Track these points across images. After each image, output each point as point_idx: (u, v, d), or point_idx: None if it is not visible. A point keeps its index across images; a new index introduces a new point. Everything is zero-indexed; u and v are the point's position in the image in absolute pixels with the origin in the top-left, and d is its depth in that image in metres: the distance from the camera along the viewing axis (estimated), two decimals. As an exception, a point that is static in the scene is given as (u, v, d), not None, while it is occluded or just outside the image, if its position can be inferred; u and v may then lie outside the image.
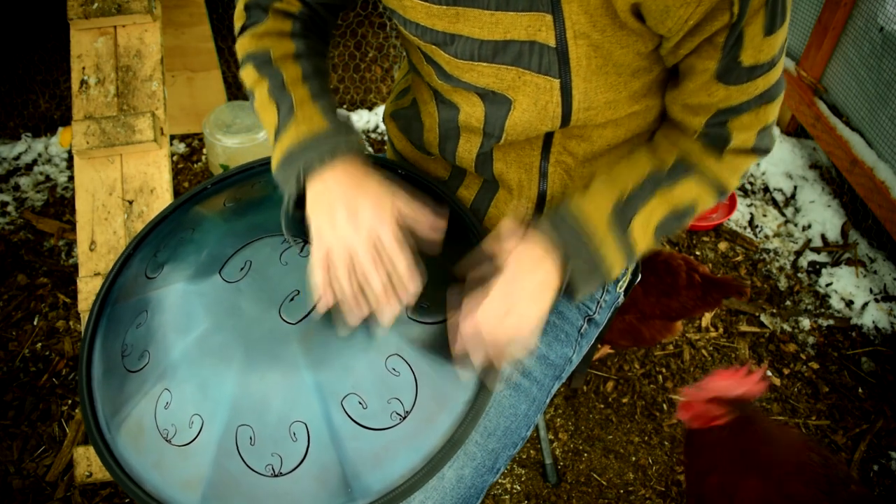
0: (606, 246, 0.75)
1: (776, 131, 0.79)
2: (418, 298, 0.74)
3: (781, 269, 1.99)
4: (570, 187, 0.86)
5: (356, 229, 0.69)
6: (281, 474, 0.68)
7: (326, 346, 0.72)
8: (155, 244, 0.87)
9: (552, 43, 0.70)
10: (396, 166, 0.94)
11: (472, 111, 0.81)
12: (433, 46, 0.77)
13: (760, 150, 0.79)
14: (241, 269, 0.77)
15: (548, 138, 0.82)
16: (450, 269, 0.79)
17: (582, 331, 0.99)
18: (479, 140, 0.84)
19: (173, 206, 0.92)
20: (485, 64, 0.74)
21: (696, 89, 0.72)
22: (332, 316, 0.73)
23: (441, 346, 0.74)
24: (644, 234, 0.78)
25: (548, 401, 0.95)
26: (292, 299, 0.74)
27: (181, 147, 2.22)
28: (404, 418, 0.70)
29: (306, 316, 0.73)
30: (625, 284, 1.06)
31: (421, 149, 0.95)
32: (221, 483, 0.69)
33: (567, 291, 0.75)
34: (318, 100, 0.76)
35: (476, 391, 0.73)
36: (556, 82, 0.73)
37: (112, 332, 0.80)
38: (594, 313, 1.01)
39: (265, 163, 0.94)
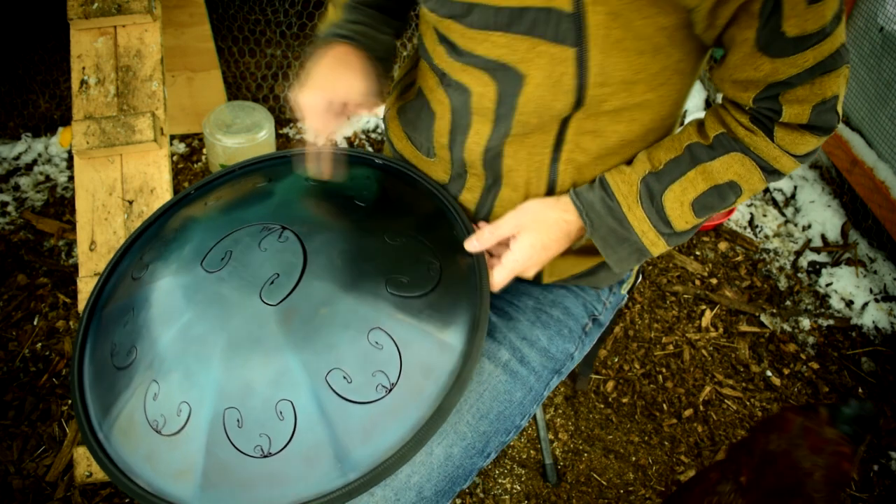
0: (634, 215, 0.80)
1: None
2: (398, 273, 0.76)
3: (781, 269, 1.99)
4: (580, 185, 0.86)
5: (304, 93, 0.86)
6: (270, 454, 0.68)
7: (308, 324, 0.72)
8: (141, 250, 0.89)
9: (569, 8, 0.68)
10: (389, 162, 0.95)
11: (483, 91, 0.79)
12: (449, 20, 0.77)
13: (820, 129, 0.74)
14: (222, 258, 0.78)
15: (560, 134, 0.81)
16: (428, 247, 0.81)
17: (586, 329, 0.99)
18: (489, 129, 0.82)
19: (159, 213, 0.94)
20: (499, 33, 0.73)
21: (740, 63, 0.71)
22: (313, 295, 0.74)
23: (423, 318, 0.74)
24: (680, 207, 0.79)
25: (545, 394, 0.95)
26: (272, 282, 0.75)
27: (181, 147, 2.22)
28: (390, 390, 0.70)
29: (287, 296, 0.74)
30: (629, 286, 1.06)
31: (422, 148, 0.94)
32: (213, 469, 0.69)
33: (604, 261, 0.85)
34: (349, 4, 0.93)
35: (461, 360, 0.74)
36: (572, 52, 0.71)
37: (101, 336, 0.82)
38: (600, 314, 1.01)
39: (245, 165, 0.97)
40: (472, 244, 0.82)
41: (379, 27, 0.93)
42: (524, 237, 0.81)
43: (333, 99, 0.85)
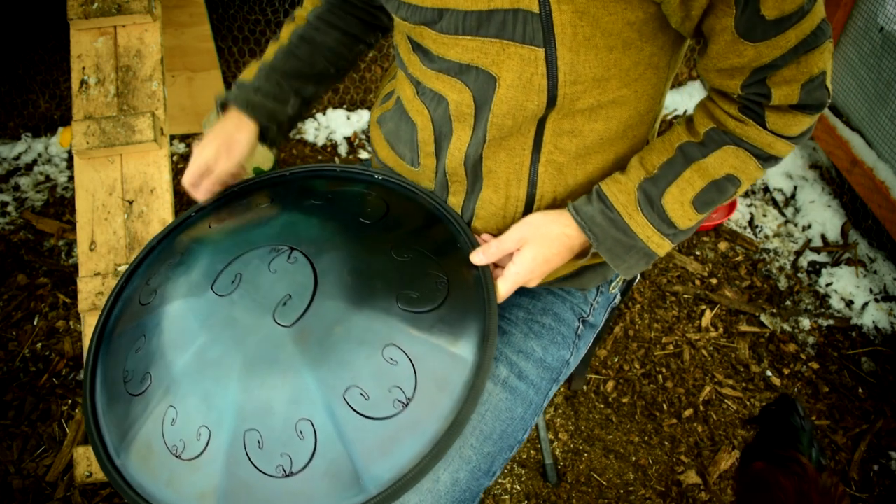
0: (636, 222, 0.80)
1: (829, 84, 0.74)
2: (408, 289, 0.77)
3: (781, 269, 1.99)
4: (561, 185, 0.86)
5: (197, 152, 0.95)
6: (292, 474, 0.69)
7: (323, 343, 0.73)
8: (145, 274, 0.89)
9: (535, 9, 0.69)
10: (387, 177, 0.95)
11: (460, 99, 0.80)
12: (421, 27, 0.78)
13: (811, 107, 0.73)
14: (233, 281, 0.79)
15: (538, 136, 0.81)
16: (435, 262, 0.81)
17: (578, 332, 0.99)
18: (468, 135, 0.83)
19: (160, 237, 0.94)
20: (469, 38, 0.74)
21: (723, 51, 0.70)
22: (326, 314, 0.74)
23: (434, 332, 0.75)
24: (681, 207, 0.80)
25: (545, 404, 0.95)
26: (285, 304, 0.76)
27: (181, 147, 2.22)
28: (406, 405, 0.71)
29: (301, 317, 0.74)
30: (619, 285, 1.06)
31: (405, 157, 0.93)
32: (235, 490, 0.70)
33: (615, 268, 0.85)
34: (264, 66, 0.98)
35: (474, 371, 0.74)
36: (541, 52, 0.72)
37: (112, 363, 0.82)
38: (588, 315, 1.01)
39: (244, 184, 0.98)
40: (479, 257, 0.83)
41: (285, 97, 0.97)
42: (527, 250, 0.82)
43: (212, 171, 0.94)
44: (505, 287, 0.81)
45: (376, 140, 1.00)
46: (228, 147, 0.94)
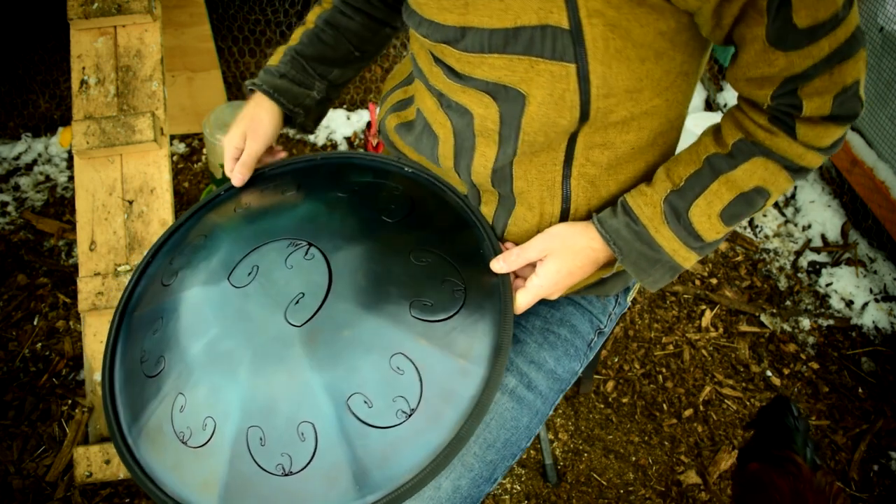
0: (661, 236, 0.78)
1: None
2: (423, 296, 0.76)
3: (781, 269, 1.99)
4: (595, 198, 0.84)
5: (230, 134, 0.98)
6: (291, 473, 0.69)
7: (331, 347, 0.73)
8: (170, 252, 0.89)
9: (565, 24, 0.67)
10: (418, 171, 0.93)
11: (486, 114, 0.78)
12: (443, 45, 0.76)
13: (843, 118, 0.71)
14: (249, 273, 0.79)
15: (570, 150, 0.79)
16: (454, 268, 0.80)
17: (591, 344, 0.98)
18: (494, 151, 0.81)
19: (188, 215, 0.94)
20: (496, 55, 0.72)
21: (754, 60, 0.68)
22: (337, 317, 0.74)
23: (446, 343, 0.74)
24: (709, 220, 0.77)
25: (550, 412, 0.94)
26: (297, 302, 0.75)
27: (181, 147, 2.22)
28: (410, 416, 0.70)
29: (312, 317, 0.74)
30: (633, 294, 1.06)
31: (436, 163, 0.91)
32: (236, 483, 0.70)
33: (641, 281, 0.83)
34: (289, 50, 0.99)
35: (482, 385, 0.73)
36: (572, 68, 0.70)
37: (132, 340, 0.83)
38: (605, 326, 1.00)
39: (275, 167, 0.97)
40: (500, 265, 0.80)
41: (310, 81, 0.98)
42: (550, 262, 0.80)
43: (242, 153, 0.95)
44: (525, 299, 0.79)
45: (400, 146, 0.98)
46: (254, 128, 0.94)
